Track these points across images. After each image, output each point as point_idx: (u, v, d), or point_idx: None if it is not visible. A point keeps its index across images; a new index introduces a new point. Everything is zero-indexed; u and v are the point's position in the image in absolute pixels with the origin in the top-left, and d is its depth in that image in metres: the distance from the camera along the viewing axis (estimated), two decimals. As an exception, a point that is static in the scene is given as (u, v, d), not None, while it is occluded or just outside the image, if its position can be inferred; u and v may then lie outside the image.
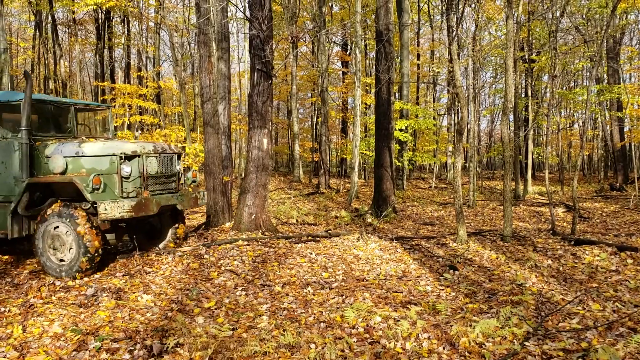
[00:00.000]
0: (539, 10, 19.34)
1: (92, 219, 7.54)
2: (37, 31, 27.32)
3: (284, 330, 5.40)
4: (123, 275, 7.68)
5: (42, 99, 8.56)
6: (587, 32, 20.81)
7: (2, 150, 8.11)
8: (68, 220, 7.45)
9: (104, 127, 10.16)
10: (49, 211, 7.63)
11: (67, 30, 30.51)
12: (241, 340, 5.24)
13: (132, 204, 7.56)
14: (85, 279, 7.52)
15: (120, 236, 8.80)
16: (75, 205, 7.55)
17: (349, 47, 29.63)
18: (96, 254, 7.52)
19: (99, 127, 9.71)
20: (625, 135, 24.96)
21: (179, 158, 8.92)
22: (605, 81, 24.42)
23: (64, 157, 7.73)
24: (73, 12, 26.58)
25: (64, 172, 7.69)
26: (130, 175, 7.85)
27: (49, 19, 26.62)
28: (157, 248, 9.18)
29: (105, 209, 7.33)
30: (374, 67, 17.10)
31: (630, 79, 31.90)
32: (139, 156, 7.98)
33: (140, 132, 10.52)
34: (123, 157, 7.79)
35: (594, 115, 27.89)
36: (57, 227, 7.58)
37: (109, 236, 8.42)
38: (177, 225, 9.29)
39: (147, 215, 8.08)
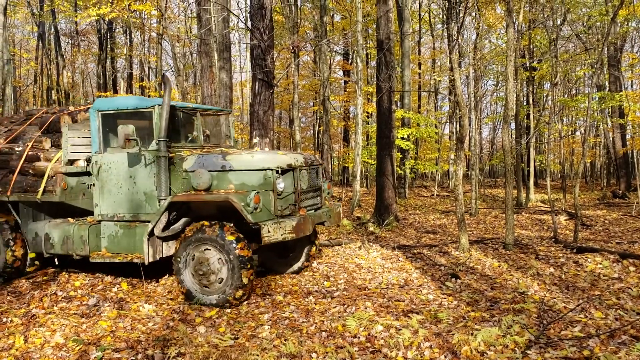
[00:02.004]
0: (539, 19, 19.41)
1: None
2: (40, 42, 27.48)
3: (285, 340, 5.41)
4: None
5: (172, 105, 7.53)
6: (587, 39, 20.86)
7: (131, 162, 7.18)
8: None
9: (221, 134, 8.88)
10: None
11: (70, 41, 30.69)
12: (243, 350, 5.24)
13: (293, 224, 6.69)
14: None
15: (260, 257, 8.04)
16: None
17: (350, 56, 29.72)
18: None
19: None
20: (628, 143, 24.92)
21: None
22: (607, 88, 24.43)
23: (209, 171, 6.83)
24: (76, 23, 26.77)
25: (208, 189, 6.81)
26: (282, 191, 6.92)
27: (52, 30, 26.79)
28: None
29: (269, 231, 6.44)
30: (375, 75, 17.16)
31: (632, 86, 31.90)
32: (292, 170, 7.09)
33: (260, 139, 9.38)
34: (280, 172, 6.87)
35: (595, 122, 27.90)
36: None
37: None
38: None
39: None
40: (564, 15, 18.65)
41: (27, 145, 7.91)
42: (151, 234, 6.97)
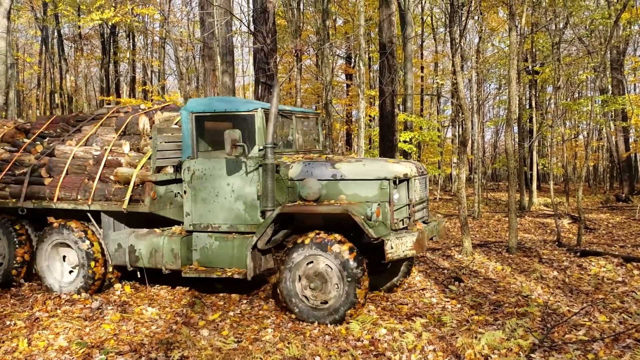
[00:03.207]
0: (542, 22, 19.40)
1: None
2: (44, 46, 27.59)
3: (288, 343, 5.40)
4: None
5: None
6: (590, 43, 20.84)
7: (230, 170, 6.68)
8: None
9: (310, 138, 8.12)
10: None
11: (73, 45, 30.79)
12: (246, 353, 5.24)
13: (414, 240, 6.11)
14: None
15: None
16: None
17: (352, 60, 29.76)
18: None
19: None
20: (631, 146, 24.88)
21: None
22: (610, 92, 24.41)
23: (318, 180, 6.37)
24: (79, 28, 26.85)
25: (317, 199, 6.34)
26: (396, 202, 6.38)
27: (55, 34, 26.89)
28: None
29: (392, 247, 5.92)
30: (378, 79, 17.17)
31: (635, 90, 31.86)
32: (407, 180, 6.52)
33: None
34: (397, 182, 6.35)
35: (598, 126, 27.86)
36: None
37: None
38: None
39: None
40: (566, 19, 18.63)
41: (106, 149, 7.38)
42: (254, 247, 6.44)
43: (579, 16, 20.50)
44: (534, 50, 22.75)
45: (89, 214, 7.35)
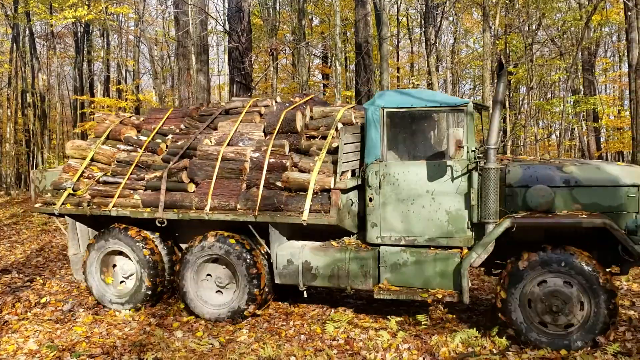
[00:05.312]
0: (515, 24, 19.66)
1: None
2: (15, 44, 27.04)
3: (264, 344, 5.38)
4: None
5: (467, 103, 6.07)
6: (562, 44, 21.18)
7: (431, 175, 5.79)
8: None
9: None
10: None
11: (45, 44, 30.27)
12: (220, 354, 5.20)
13: None
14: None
15: None
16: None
17: (329, 60, 29.80)
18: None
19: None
20: (602, 146, 25.34)
21: None
22: (582, 92, 24.84)
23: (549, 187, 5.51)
24: (51, 26, 26.40)
25: (548, 210, 5.46)
26: None
27: (27, 32, 26.39)
28: None
29: None
30: (354, 79, 17.22)
31: (605, 90, 32.46)
32: None
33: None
34: None
35: (570, 125, 28.33)
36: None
37: None
38: None
39: None
40: (539, 20, 18.91)
41: (264, 150, 6.33)
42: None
43: (551, 18, 20.82)
44: (507, 51, 23.03)
45: (250, 227, 6.27)
